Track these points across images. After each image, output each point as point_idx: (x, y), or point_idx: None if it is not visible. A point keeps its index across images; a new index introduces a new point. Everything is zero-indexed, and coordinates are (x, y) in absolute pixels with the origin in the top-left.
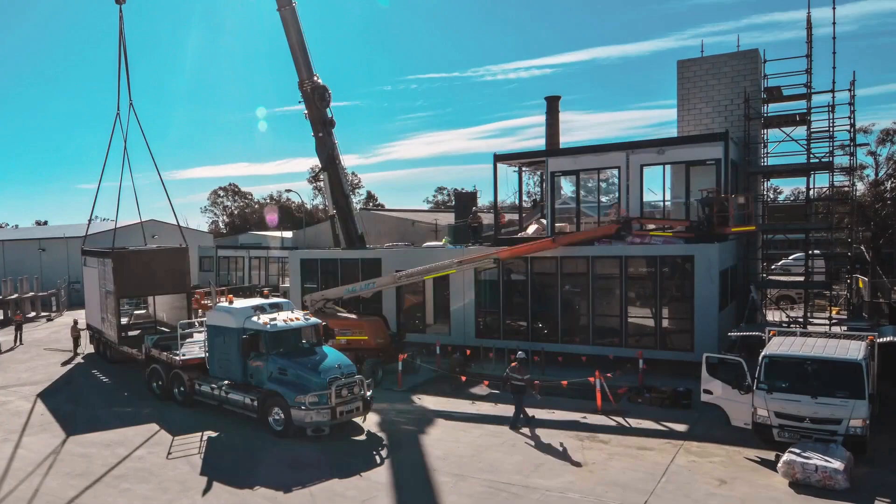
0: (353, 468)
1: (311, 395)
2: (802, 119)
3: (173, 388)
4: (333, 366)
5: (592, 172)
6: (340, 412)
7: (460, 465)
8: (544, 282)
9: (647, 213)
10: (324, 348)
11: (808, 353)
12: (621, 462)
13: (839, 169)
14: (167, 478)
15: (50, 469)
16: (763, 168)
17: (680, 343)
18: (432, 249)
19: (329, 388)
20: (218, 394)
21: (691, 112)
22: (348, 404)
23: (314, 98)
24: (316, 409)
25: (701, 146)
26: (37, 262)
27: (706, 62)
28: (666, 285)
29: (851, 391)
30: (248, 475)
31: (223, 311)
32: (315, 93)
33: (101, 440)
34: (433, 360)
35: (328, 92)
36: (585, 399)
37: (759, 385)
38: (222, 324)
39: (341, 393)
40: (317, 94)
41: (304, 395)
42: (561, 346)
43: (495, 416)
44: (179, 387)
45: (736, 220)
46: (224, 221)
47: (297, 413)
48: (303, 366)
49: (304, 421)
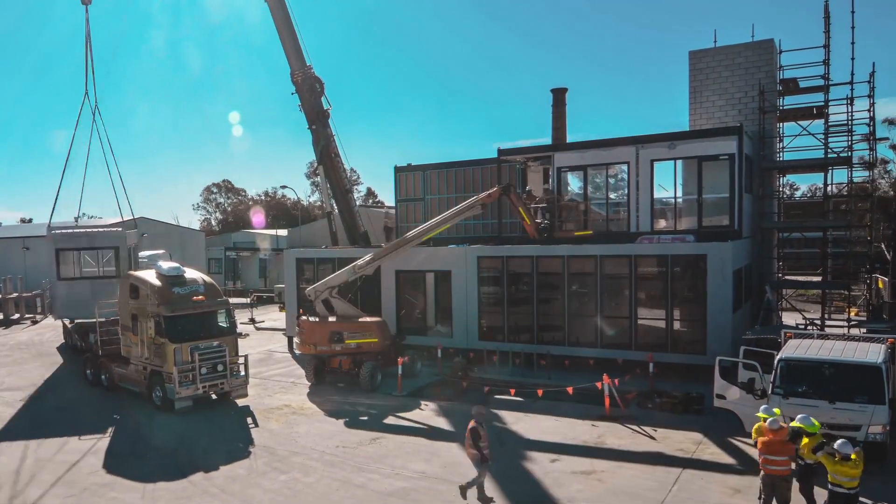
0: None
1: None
2: (820, 112)
3: (100, 374)
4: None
5: (600, 168)
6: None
7: (463, 473)
8: (550, 282)
9: (657, 210)
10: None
11: (825, 357)
12: (631, 470)
13: (858, 164)
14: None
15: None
16: (779, 163)
17: (692, 346)
18: (433, 249)
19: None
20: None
21: (703, 105)
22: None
23: (305, 89)
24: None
25: (714, 140)
26: (21, 261)
27: (719, 53)
28: (677, 285)
29: (871, 396)
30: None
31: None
32: (306, 83)
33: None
34: (434, 363)
35: (320, 82)
36: (593, 404)
37: (774, 390)
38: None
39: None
40: (306, 85)
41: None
42: (568, 348)
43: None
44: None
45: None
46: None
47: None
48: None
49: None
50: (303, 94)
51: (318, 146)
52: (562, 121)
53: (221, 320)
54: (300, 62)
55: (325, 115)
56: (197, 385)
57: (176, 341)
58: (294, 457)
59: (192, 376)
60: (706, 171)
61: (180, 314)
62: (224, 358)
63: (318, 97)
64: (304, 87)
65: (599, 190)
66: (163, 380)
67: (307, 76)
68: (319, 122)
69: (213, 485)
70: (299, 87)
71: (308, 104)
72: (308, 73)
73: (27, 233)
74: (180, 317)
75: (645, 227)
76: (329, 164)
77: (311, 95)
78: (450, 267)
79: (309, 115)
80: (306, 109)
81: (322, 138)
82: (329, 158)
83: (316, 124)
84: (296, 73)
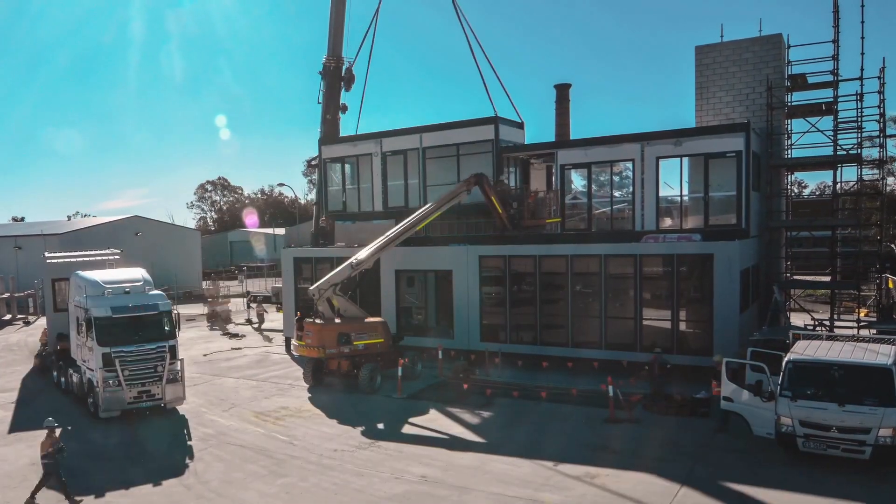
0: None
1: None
2: (829, 108)
3: (61, 377)
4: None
5: (605, 165)
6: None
7: (463, 477)
8: (554, 282)
9: (663, 209)
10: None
11: (834, 358)
12: (636, 475)
13: (868, 161)
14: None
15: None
16: (787, 161)
17: (698, 347)
18: (434, 248)
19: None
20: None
21: (710, 101)
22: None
23: (334, 75)
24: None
25: (721, 137)
26: (12, 260)
27: (726, 48)
28: (683, 286)
29: (881, 398)
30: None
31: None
32: (337, 71)
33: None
34: (434, 365)
35: (352, 75)
36: (597, 407)
37: (782, 392)
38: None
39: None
40: (336, 74)
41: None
42: (571, 350)
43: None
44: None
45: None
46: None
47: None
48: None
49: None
50: (329, 79)
51: (328, 138)
52: (565, 117)
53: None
54: (336, 51)
55: (343, 109)
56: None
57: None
58: (291, 460)
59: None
60: (713, 169)
61: (111, 316)
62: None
63: (343, 88)
64: (334, 73)
65: (604, 188)
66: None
67: (339, 66)
68: (335, 114)
69: (208, 489)
70: (329, 72)
71: (329, 90)
72: (341, 64)
73: (19, 232)
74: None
75: (650, 226)
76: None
77: (336, 83)
78: (451, 266)
79: (328, 104)
80: (327, 97)
81: (332, 131)
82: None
83: (330, 114)
84: (329, 59)
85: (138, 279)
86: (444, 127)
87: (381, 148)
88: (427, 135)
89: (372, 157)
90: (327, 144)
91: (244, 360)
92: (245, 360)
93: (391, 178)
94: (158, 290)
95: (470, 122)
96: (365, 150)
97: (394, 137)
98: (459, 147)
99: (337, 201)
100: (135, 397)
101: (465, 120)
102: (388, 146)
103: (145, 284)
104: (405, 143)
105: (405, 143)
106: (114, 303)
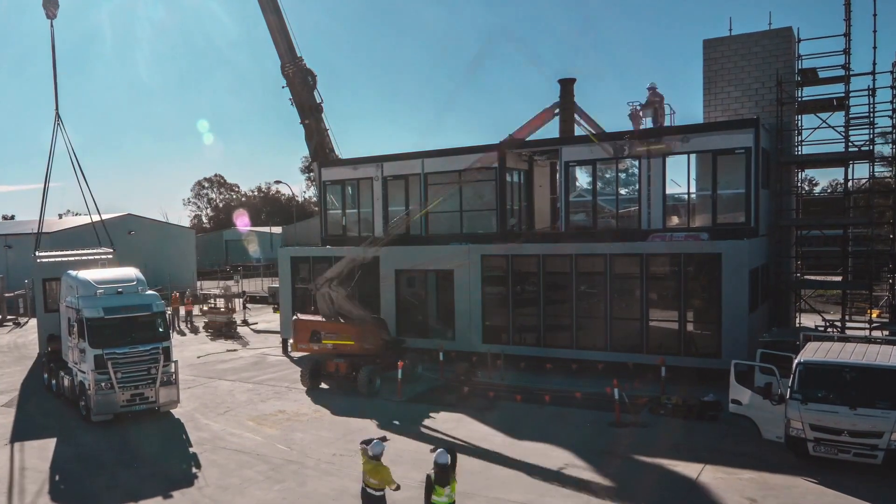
0: None
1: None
2: (840, 104)
3: (52, 379)
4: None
5: (610, 162)
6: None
7: (466, 482)
8: (558, 282)
9: (670, 206)
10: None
11: (846, 360)
12: (642, 480)
13: (880, 158)
14: None
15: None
16: (797, 157)
17: (706, 349)
18: (435, 247)
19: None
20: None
21: (718, 96)
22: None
23: (297, 82)
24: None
25: (729, 133)
26: (2, 260)
27: (735, 41)
28: (691, 286)
29: (894, 402)
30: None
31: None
32: (297, 76)
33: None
34: (436, 366)
35: (313, 75)
36: (602, 410)
37: (792, 395)
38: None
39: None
40: (298, 78)
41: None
42: (575, 352)
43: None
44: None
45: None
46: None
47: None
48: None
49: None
50: (294, 88)
51: (312, 142)
52: (569, 113)
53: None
54: (291, 54)
55: (319, 110)
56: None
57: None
58: (289, 465)
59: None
60: (721, 166)
61: (103, 316)
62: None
63: (311, 91)
64: (296, 81)
65: (609, 185)
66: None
67: (299, 69)
68: (313, 116)
69: (203, 495)
70: (291, 80)
71: (300, 98)
72: (300, 65)
73: (8, 230)
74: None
75: (657, 225)
76: (325, 159)
77: (303, 89)
78: (452, 266)
79: (301, 109)
80: (298, 103)
81: (316, 133)
82: (323, 154)
83: (309, 119)
84: (286, 66)
85: (131, 279)
86: (448, 153)
87: (381, 172)
88: (430, 160)
89: (372, 181)
90: (327, 167)
91: (240, 363)
92: (241, 363)
93: (392, 202)
94: (152, 290)
95: (474, 149)
96: (365, 174)
97: (395, 162)
98: (462, 174)
99: (337, 225)
100: (128, 400)
101: (469, 146)
102: (390, 170)
103: (138, 284)
104: (407, 167)
105: (407, 168)
106: (106, 303)
